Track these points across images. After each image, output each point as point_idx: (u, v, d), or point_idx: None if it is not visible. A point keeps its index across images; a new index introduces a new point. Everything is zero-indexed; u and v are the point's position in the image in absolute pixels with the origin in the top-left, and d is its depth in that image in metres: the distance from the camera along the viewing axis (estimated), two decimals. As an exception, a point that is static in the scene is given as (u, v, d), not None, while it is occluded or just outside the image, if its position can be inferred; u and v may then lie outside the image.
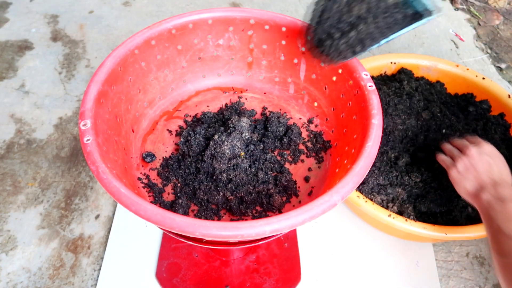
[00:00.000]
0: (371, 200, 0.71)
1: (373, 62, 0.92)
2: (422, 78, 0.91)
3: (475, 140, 0.65)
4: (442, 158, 0.68)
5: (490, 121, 0.84)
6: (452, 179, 0.64)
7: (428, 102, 0.85)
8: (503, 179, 0.59)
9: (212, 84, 0.66)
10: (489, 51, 1.24)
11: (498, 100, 0.86)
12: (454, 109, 0.86)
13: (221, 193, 0.51)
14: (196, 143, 0.53)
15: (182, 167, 0.54)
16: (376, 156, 0.63)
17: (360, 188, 0.73)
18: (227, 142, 0.52)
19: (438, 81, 0.92)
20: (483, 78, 0.88)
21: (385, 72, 0.94)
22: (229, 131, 0.54)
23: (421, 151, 0.77)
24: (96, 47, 1.17)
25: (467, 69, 0.90)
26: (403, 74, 0.91)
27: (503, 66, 1.19)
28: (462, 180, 0.61)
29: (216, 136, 0.52)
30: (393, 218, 0.67)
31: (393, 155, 0.77)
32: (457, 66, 0.90)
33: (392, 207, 0.72)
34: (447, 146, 0.69)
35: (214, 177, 0.52)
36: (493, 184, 0.58)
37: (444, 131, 0.80)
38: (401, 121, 0.80)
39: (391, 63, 0.92)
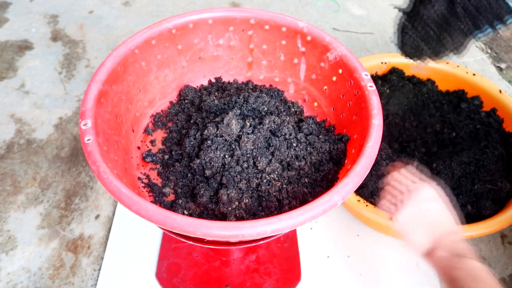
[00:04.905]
0: (372, 203, 0.71)
1: (364, 63, 0.92)
2: (413, 76, 0.91)
3: (415, 179, 0.57)
4: (383, 205, 0.57)
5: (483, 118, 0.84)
6: (399, 230, 0.53)
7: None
8: (453, 227, 0.52)
9: (212, 84, 0.66)
10: (489, 51, 1.24)
11: (489, 96, 0.86)
12: (446, 106, 0.87)
13: (220, 194, 0.51)
14: (191, 145, 0.53)
15: (180, 168, 0.54)
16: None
17: (360, 192, 0.73)
18: (217, 150, 0.50)
19: (429, 79, 0.92)
20: (474, 74, 0.88)
21: (376, 72, 0.94)
22: (220, 131, 0.52)
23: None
24: (96, 47, 1.17)
25: (457, 66, 0.90)
26: (394, 73, 0.91)
27: (503, 66, 1.19)
28: (411, 233, 0.52)
29: (205, 145, 0.51)
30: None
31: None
32: (447, 63, 0.90)
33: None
34: (387, 189, 0.58)
35: (211, 180, 0.52)
36: (446, 235, 0.51)
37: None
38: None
39: (382, 63, 0.92)
